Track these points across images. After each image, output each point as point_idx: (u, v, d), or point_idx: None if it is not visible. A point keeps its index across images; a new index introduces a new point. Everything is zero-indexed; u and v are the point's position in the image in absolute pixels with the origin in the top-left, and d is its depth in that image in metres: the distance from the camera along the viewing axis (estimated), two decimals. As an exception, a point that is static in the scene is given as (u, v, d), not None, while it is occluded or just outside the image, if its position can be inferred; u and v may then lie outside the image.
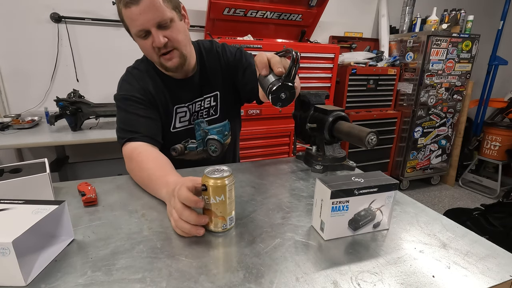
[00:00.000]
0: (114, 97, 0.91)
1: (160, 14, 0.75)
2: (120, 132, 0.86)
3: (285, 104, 0.61)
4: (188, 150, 1.00)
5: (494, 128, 2.91)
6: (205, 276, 0.45)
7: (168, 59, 0.83)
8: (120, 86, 0.91)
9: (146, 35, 0.78)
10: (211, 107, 0.99)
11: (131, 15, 0.75)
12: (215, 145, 1.02)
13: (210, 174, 0.54)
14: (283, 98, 0.60)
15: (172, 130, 0.95)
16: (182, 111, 0.95)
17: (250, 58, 0.99)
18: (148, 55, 0.85)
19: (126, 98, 0.87)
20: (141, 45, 0.82)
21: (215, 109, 1.00)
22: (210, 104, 0.99)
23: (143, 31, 0.77)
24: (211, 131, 1.00)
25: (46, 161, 0.70)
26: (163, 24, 0.77)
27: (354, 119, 2.48)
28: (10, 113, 1.96)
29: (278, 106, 0.60)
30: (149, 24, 0.75)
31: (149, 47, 0.80)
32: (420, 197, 2.84)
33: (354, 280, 0.45)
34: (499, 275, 0.47)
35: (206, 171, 0.55)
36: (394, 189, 0.57)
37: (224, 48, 1.00)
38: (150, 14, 0.74)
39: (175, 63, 0.84)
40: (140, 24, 0.75)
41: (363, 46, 2.83)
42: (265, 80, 0.62)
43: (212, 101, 0.99)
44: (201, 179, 0.55)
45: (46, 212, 0.47)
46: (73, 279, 0.44)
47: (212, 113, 1.00)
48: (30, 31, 1.91)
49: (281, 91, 0.59)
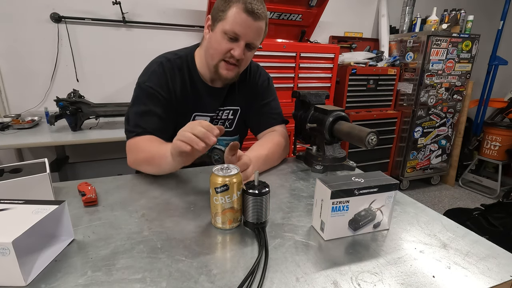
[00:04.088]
0: (138, 83, 0.88)
1: (257, 39, 0.84)
2: (131, 125, 0.84)
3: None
4: None
5: (494, 128, 2.90)
6: (205, 276, 0.45)
7: (227, 69, 0.85)
8: (149, 76, 0.87)
9: (233, 40, 0.81)
10: (227, 120, 1.01)
11: (243, 21, 0.78)
12: (219, 155, 1.03)
13: (226, 172, 0.55)
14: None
15: None
16: (200, 118, 0.95)
17: (273, 94, 1.05)
18: (213, 52, 0.85)
19: (150, 92, 0.85)
20: (218, 41, 0.82)
21: (231, 123, 1.01)
22: (227, 116, 1.00)
23: (235, 36, 0.80)
24: (220, 142, 1.01)
25: (46, 161, 0.70)
26: (251, 46, 0.84)
27: (354, 119, 2.48)
28: (10, 113, 1.96)
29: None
30: (246, 38, 0.81)
31: (224, 48, 0.82)
32: (420, 197, 2.84)
33: (354, 280, 0.45)
34: (499, 275, 0.47)
35: (221, 173, 0.55)
36: (394, 189, 0.57)
37: (258, 68, 1.03)
38: (254, 33, 0.81)
39: (230, 76, 0.87)
40: (242, 32, 0.79)
41: (363, 46, 2.83)
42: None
43: (230, 114, 1.00)
44: (219, 180, 0.54)
45: (46, 212, 0.47)
46: (73, 279, 0.44)
47: (227, 126, 1.01)
48: (30, 31, 1.91)
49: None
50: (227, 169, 0.57)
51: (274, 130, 0.99)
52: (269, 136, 0.96)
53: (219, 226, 0.58)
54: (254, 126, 1.04)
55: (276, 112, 1.03)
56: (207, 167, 0.91)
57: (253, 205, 0.56)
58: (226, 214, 0.56)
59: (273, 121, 1.01)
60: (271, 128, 1.00)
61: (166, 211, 0.64)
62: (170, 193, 0.73)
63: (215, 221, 0.58)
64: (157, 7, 2.14)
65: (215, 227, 0.58)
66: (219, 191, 0.54)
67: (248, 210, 0.57)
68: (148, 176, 0.83)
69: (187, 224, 0.60)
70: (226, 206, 0.55)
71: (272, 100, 1.03)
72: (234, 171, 0.56)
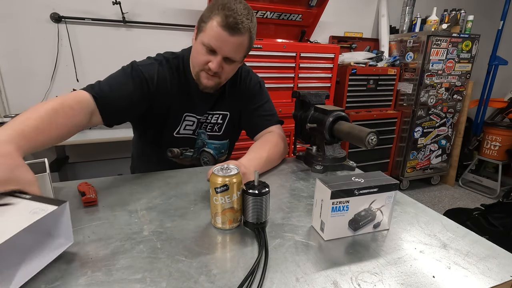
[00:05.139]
0: (131, 63, 0.86)
1: (237, 54, 0.82)
2: (96, 83, 0.79)
3: None
4: (183, 157, 1.01)
5: (494, 128, 2.90)
6: (205, 276, 0.45)
7: (206, 78, 0.85)
8: (146, 64, 0.86)
9: (211, 53, 0.80)
10: (216, 124, 1.00)
11: (219, 35, 0.77)
12: (208, 157, 1.04)
13: (226, 172, 0.55)
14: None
15: (175, 134, 0.95)
16: (191, 120, 0.95)
17: (266, 96, 1.03)
18: (194, 61, 0.86)
19: (138, 75, 0.83)
20: (198, 51, 0.82)
21: (220, 127, 1.01)
22: (216, 121, 1.00)
23: (212, 49, 0.79)
24: (209, 145, 1.02)
25: (46, 161, 0.70)
26: (230, 59, 0.83)
27: (354, 119, 2.48)
28: (10, 113, 1.96)
29: None
30: (222, 52, 0.80)
31: (202, 60, 0.82)
32: (420, 197, 2.84)
33: (354, 280, 0.45)
34: (500, 275, 0.47)
35: (221, 173, 0.55)
36: (394, 189, 0.57)
37: (249, 73, 1.02)
38: (231, 48, 0.80)
39: (210, 84, 0.86)
40: (218, 46, 0.78)
41: (363, 46, 2.83)
42: None
43: (220, 119, 1.00)
44: (219, 180, 0.54)
45: (44, 213, 0.44)
46: (73, 279, 0.44)
47: (216, 130, 1.01)
48: (30, 31, 1.91)
49: None
50: (227, 169, 0.57)
51: (270, 131, 0.99)
52: (267, 137, 0.96)
53: (219, 226, 0.58)
54: (249, 129, 1.04)
55: (270, 113, 1.02)
56: (207, 167, 0.91)
57: (253, 205, 0.56)
58: (226, 214, 0.56)
59: (267, 122, 1.00)
60: (267, 129, 1.00)
61: (166, 211, 0.64)
62: (170, 193, 0.73)
63: (215, 221, 0.58)
64: (157, 7, 2.14)
65: (215, 227, 0.58)
66: (219, 191, 0.54)
67: (248, 210, 0.57)
68: (148, 176, 0.83)
69: (187, 224, 0.60)
70: (226, 206, 0.55)
71: (265, 102, 1.02)
72: (234, 171, 0.56)
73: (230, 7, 0.75)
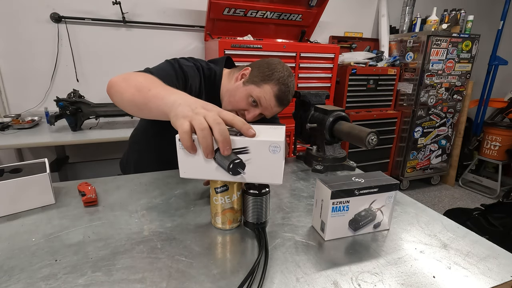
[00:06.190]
0: (174, 58, 0.88)
1: (271, 116, 0.92)
2: (147, 70, 0.79)
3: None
4: None
5: (494, 128, 2.91)
6: (205, 276, 0.45)
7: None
8: (187, 64, 0.88)
9: (253, 103, 0.88)
10: None
11: (270, 101, 0.86)
12: None
13: None
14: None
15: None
16: None
17: (276, 119, 1.09)
18: (234, 102, 0.90)
19: (182, 70, 0.84)
20: (241, 97, 0.88)
21: None
22: None
23: (257, 104, 0.87)
24: None
25: (46, 161, 0.70)
26: (263, 115, 0.92)
27: (354, 119, 2.48)
28: (10, 113, 1.96)
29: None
30: (264, 112, 0.89)
31: (242, 105, 0.89)
32: (420, 197, 2.84)
33: (355, 280, 0.45)
34: (500, 275, 0.47)
35: None
36: (394, 189, 0.56)
37: None
38: (272, 113, 0.91)
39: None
40: (264, 108, 0.88)
41: (363, 46, 2.83)
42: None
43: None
44: (217, 181, 0.54)
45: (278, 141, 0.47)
46: (73, 279, 0.44)
47: None
48: (30, 31, 1.91)
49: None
50: None
51: None
52: None
53: (219, 226, 0.58)
54: None
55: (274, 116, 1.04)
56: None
57: (253, 205, 0.56)
58: (226, 214, 0.56)
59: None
60: None
61: (166, 211, 0.64)
62: (170, 193, 0.73)
63: (215, 221, 0.58)
64: (157, 7, 2.15)
65: (215, 227, 0.58)
66: (219, 191, 0.54)
67: (248, 210, 0.57)
68: (148, 176, 0.83)
69: (187, 224, 0.60)
70: (226, 206, 0.55)
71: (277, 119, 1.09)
72: None
73: (286, 84, 0.86)
